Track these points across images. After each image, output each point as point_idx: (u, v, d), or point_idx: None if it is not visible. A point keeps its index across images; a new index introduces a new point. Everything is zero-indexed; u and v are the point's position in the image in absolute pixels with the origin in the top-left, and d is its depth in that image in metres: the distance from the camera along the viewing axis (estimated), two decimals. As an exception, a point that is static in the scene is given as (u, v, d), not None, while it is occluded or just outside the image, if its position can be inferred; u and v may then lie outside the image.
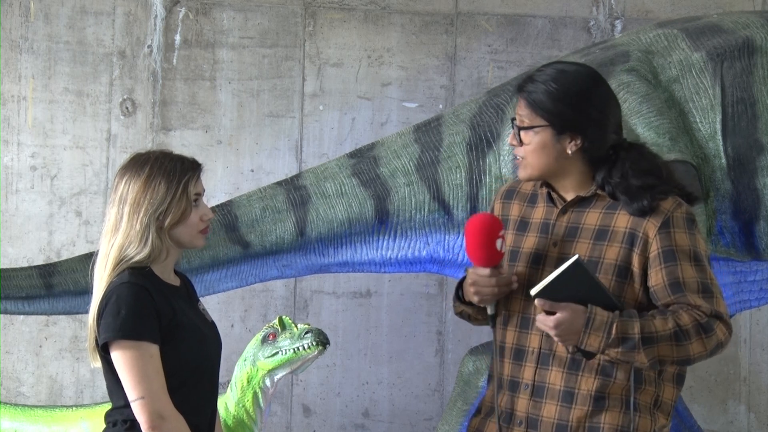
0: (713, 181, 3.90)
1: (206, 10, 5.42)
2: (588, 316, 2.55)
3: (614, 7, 5.45)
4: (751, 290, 4.08)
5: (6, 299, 4.11)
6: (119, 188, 2.73)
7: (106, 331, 2.64)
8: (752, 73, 3.94)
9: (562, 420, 2.66)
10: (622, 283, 2.66)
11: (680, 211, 2.66)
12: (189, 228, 2.74)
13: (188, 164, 2.76)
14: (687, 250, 2.63)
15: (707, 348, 2.62)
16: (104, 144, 5.39)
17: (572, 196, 2.74)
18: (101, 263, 2.72)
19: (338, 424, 5.40)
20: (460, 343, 5.34)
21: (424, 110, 5.33)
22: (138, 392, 2.61)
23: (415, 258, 4.23)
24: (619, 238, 2.66)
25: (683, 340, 2.58)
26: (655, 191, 2.66)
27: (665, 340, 2.57)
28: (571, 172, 2.72)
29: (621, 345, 2.55)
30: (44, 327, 5.35)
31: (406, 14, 5.44)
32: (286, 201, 4.24)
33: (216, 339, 2.85)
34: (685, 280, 2.62)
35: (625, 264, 2.66)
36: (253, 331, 5.22)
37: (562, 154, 2.70)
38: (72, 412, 4.14)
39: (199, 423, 2.73)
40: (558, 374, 2.67)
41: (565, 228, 2.73)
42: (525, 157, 2.73)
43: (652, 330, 2.56)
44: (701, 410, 5.36)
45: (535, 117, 2.69)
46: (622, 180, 2.68)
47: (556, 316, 2.55)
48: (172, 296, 2.73)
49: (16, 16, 5.39)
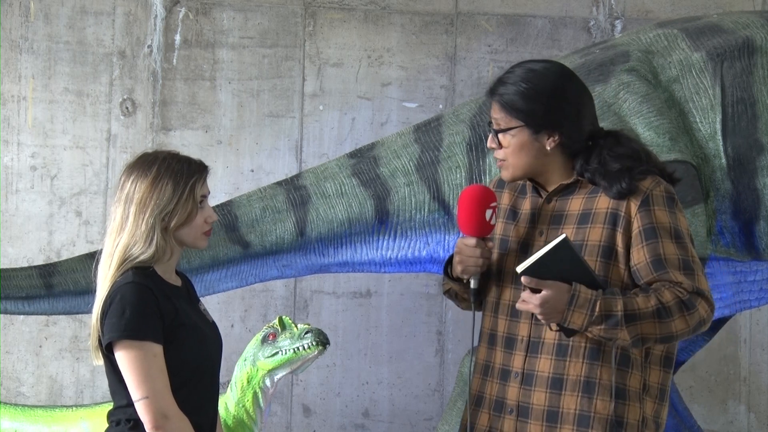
0: (713, 181, 3.90)
1: (206, 10, 5.42)
2: (572, 294, 2.57)
3: (614, 7, 5.45)
4: (751, 290, 4.08)
5: (6, 299, 4.11)
6: (126, 187, 2.73)
7: (110, 330, 2.64)
8: (752, 73, 3.94)
9: (553, 407, 2.68)
10: (607, 263, 2.68)
11: (659, 189, 2.68)
12: (193, 229, 2.75)
13: (195, 166, 2.77)
14: (668, 227, 2.65)
15: (689, 325, 2.62)
16: (104, 144, 5.39)
17: (555, 186, 2.77)
18: (105, 262, 2.72)
19: (338, 424, 5.40)
20: (460, 343, 5.34)
21: (424, 110, 5.33)
22: (142, 392, 2.61)
23: (415, 258, 4.23)
24: (601, 219, 2.69)
25: (665, 317, 2.59)
26: (633, 172, 2.68)
27: (648, 317, 2.59)
28: (553, 166, 2.75)
29: (604, 322, 2.57)
30: (44, 327, 5.35)
31: (406, 14, 5.44)
32: (286, 201, 4.24)
33: (217, 339, 2.85)
34: (666, 256, 2.63)
35: (609, 244, 2.67)
36: (253, 331, 5.22)
37: (542, 151, 2.72)
38: (72, 412, 4.13)
39: (201, 422, 2.74)
40: (547, 361, 2.69)
41: (550, 216, 2.76)
42: (506, 159, 2.75)
43: (635, 307, 2.58)
44: (701, 410, 5.36)
45: (511, 119, 2.72)
46: (599, 166, 2.70)
47: (541, 294, 2.58)
48: (174, 296, 2.74)
49: (16, 16, 5.39)
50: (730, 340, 5.40)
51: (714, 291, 3.97)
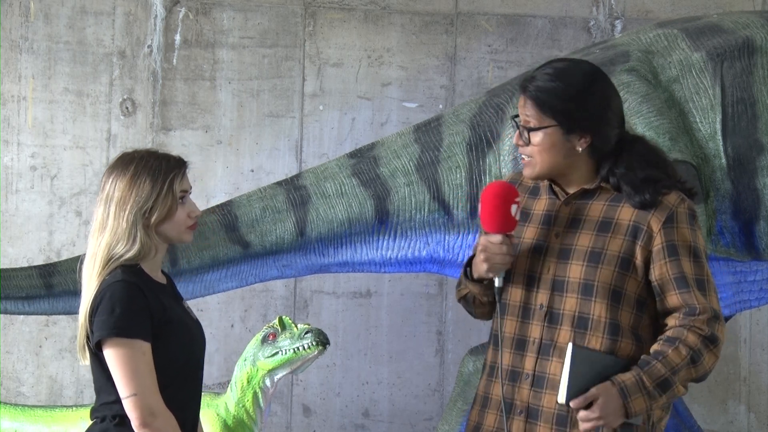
0: (713, 181, 3.90)
1: (206, 10, 5.42)
2: (619, 387, 2.59)
3: (614, 7, 5.45)
4: (751, 290, 4.08)
5: (6, 299, 4.11)
6: (106, 187, 2.78)
7: (100, 329, 2.65)
8: (752, 73, 3.94)
9: (562, 411, 2.67)
10: (624, 275, 2.67)
11: (684, 206, 2.68)
12: (176, 224, 2.77)
13: (174, 162, 2.79)
14: (688, 245, 2.67)
15: (718, 356, 2.68)
16: (104, 144, 5.39)
17: (576, 189, 2.75)
18: (89, 262, 2.74)
19: (338, 424, 5.40)
20: (460, 343, 5.34)
21: (424, 110, 5.33)
22: (130, 389, 2.63)
23: (415, 258, 4.23)
24: (622, 230, 2.67)
25: (698, 360, 2.64)
26: (659, 185, 2.68)
27: (685, 367, 2.63)
28: (578, 168, 2.73)
29: (661, 392, 2.61)
30: (44, 327, 5.35)
31: (406, 14, 5.44)
32: (286, 201, 4.24)
33: (201, 336, 2.87)
34: (686, 274, 2.65)
35: (628, 256, 2.67)
36: (253, 331, 5.22)
37: (572, 152, 2.70)
38: (72, 412, 4.14)
39: (185, 419, 2.76)
40: (558, 365, 2.67)
41: (567, 219, 2.74)
42: (533, 156, 2.72)
43: (674, 364, 2.62)
44: (701, 410, 5.36)
45: (544, 118, 2.69)
46: (627, 171, 2.69)
47: (596, 404, 2.58)
48: (161, 294, 2.76)
49: (16, 16, 5.39)
50: (730, 340, 5.40)
51: (714, 291, 3.98)
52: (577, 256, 2.69)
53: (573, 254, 2.69)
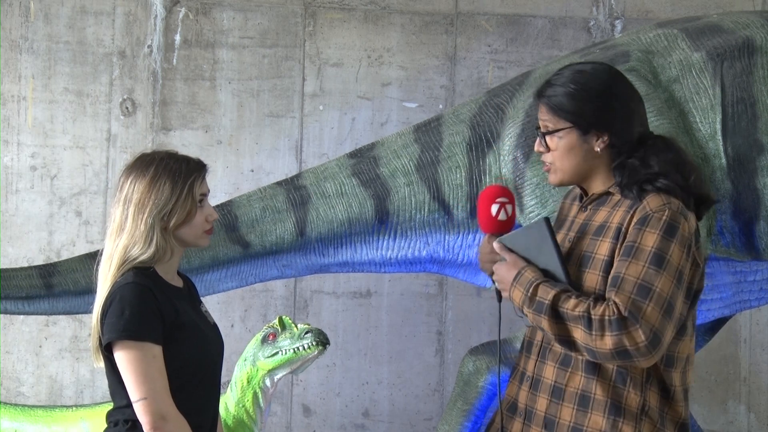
0: (713, 181, 3.89)
1: (206, 10, 5.42)
2: (518, 271, 2.63)
3: (614, 7, 5.45)
4: (751, 290, 4.07)
5: (6, 299, 4.11)
6: (124, 188, 2.73)
7: (109, 331, 2.64)
8: (752, 73, 3.93)
9: (551, 415, 2.68)
10: (606, 278, 2.63)
11: (664, 214, 2.59)
12: (194, 228, 2.75)
13: (194, 165, 2.76)
14: (648, 250, 2.56)
15: (607, 346, 2.52)
16: (104, 144, 5.39)
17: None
18: (106, 263, 2.72)
19: (338, 424, 5.40)
20: (460, 343, 5.34)
21: (424, 110, 5.33)
22: (140, 393, 2.61)
23: (415, 258, 4.23)
24: (610, 233, 2.67)
25: (587, 328, 2.53)
26: (651, 184, 2.63)
27: (573, 320, 2.54)
28: (599, 170, 2.73)
29: (532, 305, 2.59)
30: (44, 327, 5.35)
31: (406, 14, 5.44)
32: (286, 201, 4.24)
33: (218, 341, 2.85)
34: (624, 276, 2.55)
35: (610, 259, 2.64)
36: (253, 331, 5.23)
37: (591, 153, 2.70)
38: (72, 412, 4.14)
39: (201, 423, 2.74)
40: (551, 369, 2.70)
41: (580, 224, 2.75)
42: (554, 162, 2.73)
43: (565, 306, 2.56)
44: (701, 410, 5.36)
45: (559, 120, 2.70)
46: (635, 167, 2.65)
47: (501, 264, 2.66)
48: (174, 297, 2.74)
49: (16, 16, 5.39)
50: (730, 340, 5.40)
51: (714, 291, 3.98)
52: (576, 261, 2.70)
53: (577, 259, 2.70)
